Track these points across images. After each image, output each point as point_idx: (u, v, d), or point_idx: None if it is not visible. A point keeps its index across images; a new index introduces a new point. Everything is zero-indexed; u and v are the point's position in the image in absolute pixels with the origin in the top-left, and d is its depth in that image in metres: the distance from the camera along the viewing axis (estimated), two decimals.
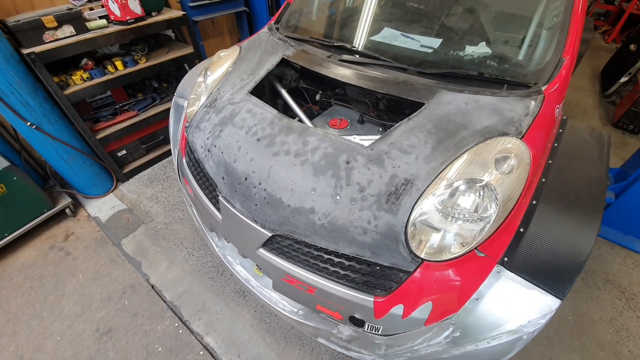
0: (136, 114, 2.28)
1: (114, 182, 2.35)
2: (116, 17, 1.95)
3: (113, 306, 1.70)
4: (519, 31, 1.33)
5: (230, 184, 1.17)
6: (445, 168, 0.96)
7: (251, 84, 1.38)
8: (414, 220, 0.92)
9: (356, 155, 1.03)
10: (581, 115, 3.30)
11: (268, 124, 1.18)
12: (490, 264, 0.92)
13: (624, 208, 1.99)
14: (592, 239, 0.90)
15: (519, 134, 1.02)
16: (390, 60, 1.36)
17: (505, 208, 0.92)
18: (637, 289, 1.82)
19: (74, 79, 1.92)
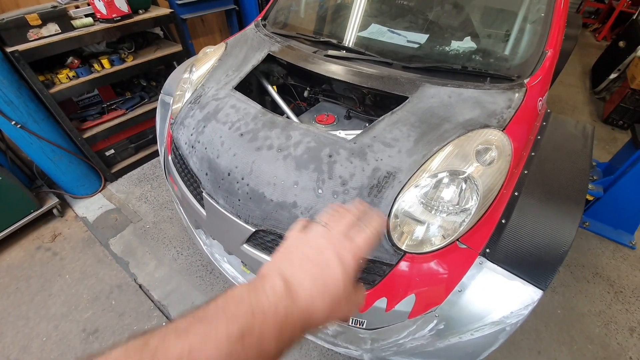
0: (124, 113, 2.26)
1: (102, 181, 2.32)
2: (102, 15, 1.93)
3: (100, 306, 1.68)
4: (502, 25, 1.33)
5: (213, 180, 1.16)
6: (427, 160, 0.96)
7: (236, 80, 1.37)
8: (396, 213, 0.92)
9: (339, 149, 1.03)
10: (571, 111, 3.33)
11: (251, 119, 1.17)
12: (472, 255, 0.92)
13: (612, 202, 2.01)
14: (573, 230, 0.91)
15: (500, 126, 1.02)
16: (376, 55, 1.36)
17: (486, 199, 0.92)
18: (625, 282, 1.84)
19: (60, 77, 1.90)
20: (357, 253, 0.34)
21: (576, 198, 0.97)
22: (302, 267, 0.32)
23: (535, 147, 1.12)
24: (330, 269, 0.32)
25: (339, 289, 0.32)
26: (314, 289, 0.31)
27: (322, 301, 0.31)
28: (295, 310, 0.28)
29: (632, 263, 1.94)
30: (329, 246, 0.34)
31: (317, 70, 1.32)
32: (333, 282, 0.32)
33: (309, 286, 0.30)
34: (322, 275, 0.32)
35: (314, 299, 0.30)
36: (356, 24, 1.61)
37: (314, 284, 0.31)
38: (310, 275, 0.31)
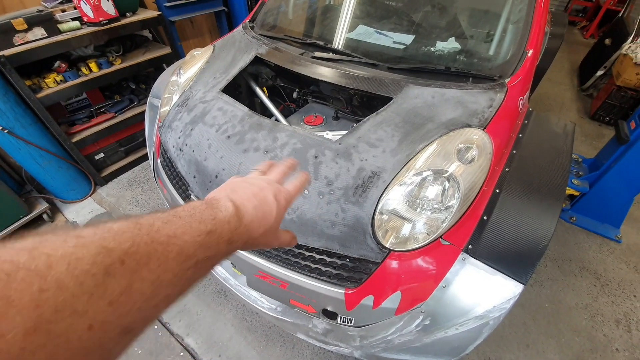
0: (113, 116, 2.25)
1: (92, 185, 2.31)
2: (89, 19, 1.93)
3: None
4: (484, 26, 1.36)
5: (201, 183, 1.16)
6: (410, 160, 0.98)
7: (223, 82, 1.38)
8: (380, 212, 0.94)
9: (324, 149, 1.04)
10: (559, 108, 3.38)
11: (238, 122, 1.18)
12: (455, 252, 0.94)
13: (598, 197, 2.05)
14: (552, 225, 0.93)
15: (481, 125, 1.04)
16: (362, 56, 1.37)
17: (468, 197, 0.94)
18: (611, 275, 1.88)
19: (47, 81, 1.88)
20: (287, 197, 0.42)
21: (555, 194, 1.00)
22: (246, 197, 0.38)
23: (517, 145, 1.15)
24: (267, 204, 0.39)
25: (271, 221, 0.39)
26: (255, 216, 0.37)
27: (259, 226, 0.37)
28: (241, 227, 0.34)
29: (618, 256, 1.98)
30: (266, 187, 0.41)
31: (304, 72, 1.34)
32: (268, 214, 0.39)
33: (251, 212, 0.37)
34: (261, 206, 0.38)
35: (254, 223, 0.37)
36: (343, 26, 1.63)
37: (255, 212, 0.37)
38: (252, 205, 0.37)
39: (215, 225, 0.31)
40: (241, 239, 0.35)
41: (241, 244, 0.35)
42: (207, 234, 0.30)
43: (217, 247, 0.31)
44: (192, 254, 0.28)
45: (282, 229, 0.44)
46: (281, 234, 0.44)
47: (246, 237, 0.36)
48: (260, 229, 0.38)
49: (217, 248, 0.31)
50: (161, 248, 0.25)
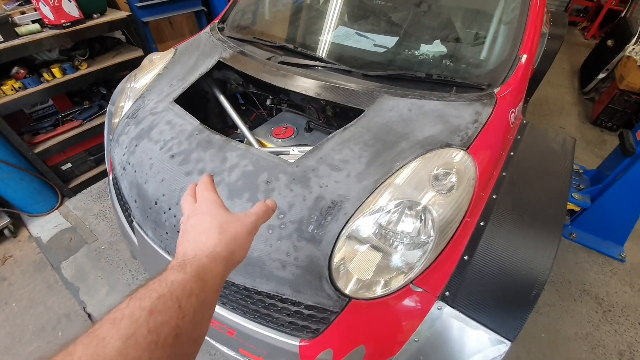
0: (80, 124, 2.10)
1: (59, 198, 2.17)
2: (50, 21, 1.78)
3: (45, 338, 1.53)
4: (472, 28, 1.20)
5: (142, 208, 1.01)
6: (378, 187, 0.82)
7: (178, 91, 1.23)
8: (339, 251, 0.78)
9: (278, 173, 0.89)
10: (559, 113, 3.21)
11: (186, 138, 1.03)
12: (429, 299, 0.79)
13: (600, 212, 1.89)
14: (547, 267, 0.78)
15: (464, 144, 0.88)
16: (334, 62, 1.22)
17: (445, 233, 0.79)
18: (614, 300, 1.71)
19: (4, 89, 1.74)
20: (203, 201, 0.46)
21: (552, 228, 0.84)
22: (183, 240, 0.40)
23: (507, 166, 0.99)
24: (195, 224, 0.41)
25: (208, 224, 0.41)
26: (194, 240, 0.39)
27: (208, 237, 0.39)
28: (182, 272, 0.33)
29: (622, 277, 1.82)
30: (187, 218, 0.44)
31: (267, 80, 1.19)
32: (201, 225, 0.41)
33: (189, 246, 0.38)
34: (192, 233, 0.40)
35: (200, 242, 0.38)
36: (319, 28, 1.48)
37: (192, 241, 0.39)
38: (186, 240, 0.40)
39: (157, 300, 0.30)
40: (200, 282, 0.34)
41: (215, 279, 0.36)
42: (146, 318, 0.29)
43: (177, 310, 0.30)
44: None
45: (246, 212, 0.45)
46: (247, 217, 0.44)
47: (206, 268, 0.35)
48: (215, 240, 0.39)
49: (177, 310, 0.30)
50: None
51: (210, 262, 0.36)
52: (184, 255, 0.36)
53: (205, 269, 0.35)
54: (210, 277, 0.35)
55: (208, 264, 0.35)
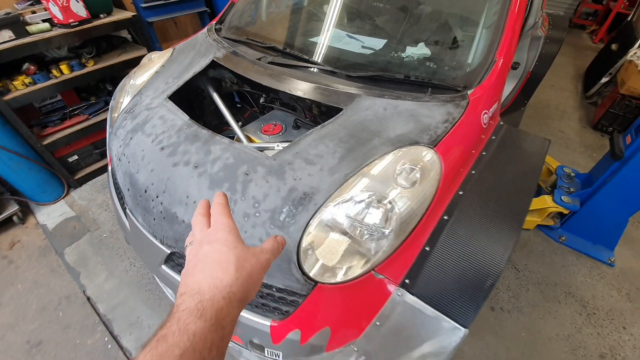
0: (87, 118, 2.21)
1: (66, 188, 2.28)
2: (59, 20, 1.89)
3: (47, 317, 1.63)
4: (452, 32, 1.24)
5: (133, 196, 1.09)
6: (347, 180, 0.88)
7: (173, 88, 1.31)
8: (307, 238, 0.84)
9: (257, 166, 0.95)
10: (560, 117, 3.20)
11: (175, 132, 1.10)
12: (390, 286, 0.84)
13: (590, 216, 1.90)
14: (502, 261, 0.82)
15: (431, 142, 0.93)
16: (319, 63, 1.28)
17: (407, 225, 0.84)
18: (600, 303, 1.72)
19: (15, 84, 1.85)
20: (219, 227, 0.42)
21: (512, 224, 0.88)
22: (196, 269, 0.38)
23: (477, 165, 1.03)
24: (210, 253, 0.39)
25: (226, 256, 0.38)
26: (210, 274, 0.36)
27: (224, 272, 0.37)
28: (202, 320, 0.32)
29: (609, 282, 1.82)
30: (199, 244, 0.41)
31: (255, 79, 1.25)
32: (218, 257, 0.38)
33: (205, 280, 0.36)
34: (207, 262, 0.38)
35: (217, 278, 0.36)
36: (308, 30, 1.54)
37: (209, 275, 0.36)
38: (201, 271, 0.37)
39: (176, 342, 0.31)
40: (215, 321, 0.33)
41: (228, 321, 0.35)
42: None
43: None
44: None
45: (261, 248, 0.43)
46: (254, 252, 0.42)
47: (221, 308, 0.34)
48: (230, 273, 0.37)
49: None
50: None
51: (228, 305, 0.34)
52: (200, 292, 0.34)
53: (223, 313, 0.34)
54: (228, 322, 0.34)
55: (225, 307, 0.34)
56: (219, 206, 0.46)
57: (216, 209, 0.45)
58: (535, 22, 2.04)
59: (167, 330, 0.31)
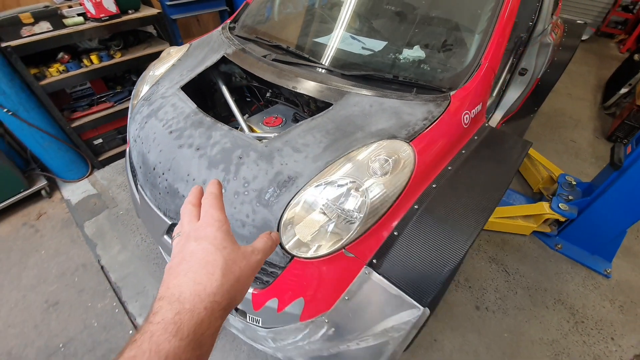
0: (112, 106, 2.41)
1: (90, 168, 2.50)
2: (91, 15, 2.09)
3: (64, 281, 1.82)
4: (442, 36, 1.31)
5: (144, 173, 1.23)
6: (327, 168, 0.97)
7: (185, 80, 1.44)
8: (287, 216, 0.94)
9: (250, 151, 1.06)
10: (574, 126, 3.13)
11: (183, 118, 1.23)
12: (358, 264, 0.92)
13: (588, 225, 1.89)
14: (463, 250, 0.88)
15: (408, 137, 1.01)
16: (318, 61, 1.38)
17: (377, 210, 0.92)
18: (590, 313, 1.72)
19: (51, 71, 2.06)
20: (209, 222, 0.39)
21: (476, 219, 0.94)
22: (180, 269, 0.35)
23: (454, 161, 1.09)
24: (196, 252, 0.36)
25: (213, 257, 0.35)
26: (194, 278, 0.33)
27: (209, 276, 0.34)
28: (177, 338, 0.29)
29: (603, 293, 1.81)
30: (186, 238, 0.38)
31: (258, 74, 1.36)
32: (204, 258, 0.35)
33: (187, 285, 0.33)
34: (192, 263, 0.35)
35: (200, 284, 0.33)
36: (313, 31, 1.64)
37: (192, 279, 0.33)
38: (184, 273, 0.34)
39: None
40: (196, 324, 0.31)
41: (209, 322, 0.32)
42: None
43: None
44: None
45: (253, 247, 0.41)
46: (245, 251, 0.40)
47: (204, 310, 0.32)
48: (215, 276, 0.34)
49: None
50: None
51: (209, 317, 0.31)
52: (180, 300, 0.31)
53: (203, 326, 0.31)
54: (207, 336, 0.31)
55: (207, 319, 0.31)
56: (211, 196, 0.43)
57: (207, 199, 0.43)
58: (544, 29, 2.04)
59: (137, 351, 0.28)
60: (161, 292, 0.33)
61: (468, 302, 1.73)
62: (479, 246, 2.02)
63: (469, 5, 1.34)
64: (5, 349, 1.55)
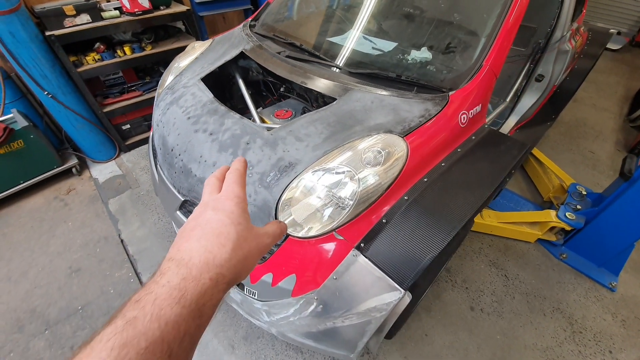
0: (141, 94, 2.60)
1: (117, 151, 2.70)
2: (127, 9, 2.27)
3: (87, 251, 2.00)
4: (447, 38, 1.35)
5: (163, 154, 1.36)
6: (324, 156, 1.05)
7: (205, 72, 1.56)
8: (285, 198, 1.03)
9: (256, 138, 1.16)
10: (594, 137, 3.03)
11: (201, 106, 1.35)
12: (347, 247, 1.00)
13: (595, 236, 1.86)
14: (444, 242, 0.93)
15: (403, 132, 1.07)
16: (328, 59, 1.46)
17: (367, 198, 0.99)
18: (590, 324, 1.70)
19: (87, 59, 2.26)
20: (229, 196, 0.40)
21: (461, 213, 0.99)
22: (193, 234, 0.35)
23: (449, 158, 1.14)
24: (212, 221, 0.36)
25: (227, 230, 0.36)
26: (205, 245, 0.34)
27: (220, 247, 0.34)
28: (180, 306, 0.29)
29: (606, 306, 1.78)
30: (204, 207, 0.39)
31: (271, 69, 1.46)
32: (218, 228, 0.36)
33: (198, 252, 0.33)
34: (206, 230, 0.35)
35: (211, 252, 0.33)
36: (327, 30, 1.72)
37: (203, 247, 0.34)
38: (197, 239, 0.35)
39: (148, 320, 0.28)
40: (201, 289, 0.31)
41: (213, 290, 0.32)
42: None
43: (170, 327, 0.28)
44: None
45: (265, 230, 0.42)
46: (258, 231, 0.40)
47: (211, 276, 0.32)
48: (226, 248, 0.35)
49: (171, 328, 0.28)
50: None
51: (213, 288, 0.32)
52: (188, 265, 0.32)
53: (206, 297, 0.31)
54: (209, 307, 0.31)
55: (210, 289, 0.31)
56: (235, 172, 0.44)
57: (231, 175, 0.44)
58: (562, 36, 2.02)
59: (139, 312, 0.27)
60: (171, 253, 0.34)
61: (463, 302, 1.75)
62: (480, 249, 2.03)
63: (476, 9, 1.37)
64: (31, 306, 1.73)
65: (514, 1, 1.25)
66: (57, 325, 1.65)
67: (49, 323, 1.66)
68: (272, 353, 1.54)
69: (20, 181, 2.26)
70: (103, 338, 0.26)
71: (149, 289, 0.30)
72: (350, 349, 1.10)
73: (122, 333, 0.26)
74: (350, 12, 1.70)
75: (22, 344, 1.58)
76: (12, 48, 1.88)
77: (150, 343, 0.26)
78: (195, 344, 0.31)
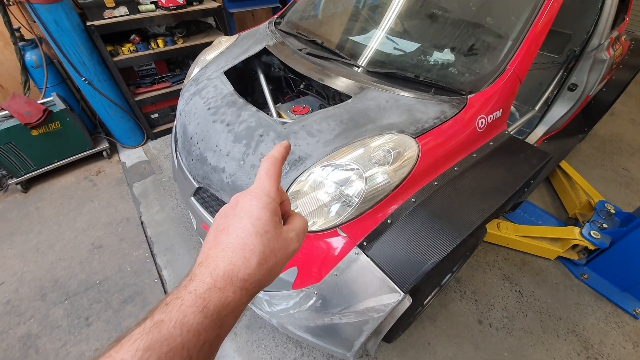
0: (170, 86, 2.72)
1: (145, 138, 2.84)
2: (162, 4, 2.38)
3: (110, 230, 2.12)
4: (470, 40, 1.31)
5: (183, 142, 1.42)
6: (333, 152, 1.06)
7: (229, 65, 1.62)
8: (292, 190, 1.05)
9: (270, 130, 1.19)
10: (630, 154, 2.83)
11: (221, 98, 1.40)
12: (349, 244, 1.00)
13: (620, 257, 1.74)
14: (448, 247, 0.91)
15: (415, 134, 1.06)
16: (346, 57, 1.46)
17: (373, 197, 0.99)
18: (607, 351, 1.59)
19: (123, 49, 2.40)
20: (258, 194, 0.37)
21: (470, 220, 0.96)
22: (221, 239, 0.34)
23: (462, 163, 1.12)
24: (238, 228, 0.34)
25: (252, 241, 0.34)
26: (230, 257, 0.33)
27: (245, 261, 0.33)
28: (202, 315, 0.29)
29: (627, 333, 1.66)
30: (237, 199, 0.38)
31: (291, 65, 1.49)
32: (243, 238, 0.34)
33: (223, 263, 0.32)
34: (232, 238, 0.34)
35: (235, 265, 0.32)
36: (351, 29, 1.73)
37: (229, 259, 0.33)
38: (223, 248, 0.33)
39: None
40: (222, 297, 0.31)
41: (237, 299, 0.32)
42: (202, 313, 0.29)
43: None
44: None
45: (297, 232, 0.39)
46: (282, 231, 0.37)
47: (234, 284, 0.32)
48: (253, 253, 0.34)
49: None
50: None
51: (236, 301, 0.32)
52: (214, 275, 0.31)
53: (228, 309, 0.31)
54: (230, 318, 0.31)
55: (232, 303, 0.31)
56: (271, 160, 0.41)
57: (267, 162, 0.40)
58: (600, 44, 1.90)
59: (165, 316, 0.28)
60: (201, 258, 0.34)
61: (471, 315, 1.70)
62: (494, 262, 1.96)
63: (504, 11, 1.32)
64: (54, 277, 1.86)
65: (544, 4, 1.20)
66: (76, 296, 1.76)
67: (69, 294, 1.78)
68: (272, 344, 1.57)
69: (55, 160, 2.43)
70: (132, 337, 0.27)
71: (177, 294, 0.30)
72: (347, 347, 1.10)
73: (148, 335, 0.27)
74: (374, 12, 1.70)
75: (43, 311, 1.70)
76: (56, 36, 2.03)
77: (171, 349, 0.27)
78: (215, 351, 0.31)
